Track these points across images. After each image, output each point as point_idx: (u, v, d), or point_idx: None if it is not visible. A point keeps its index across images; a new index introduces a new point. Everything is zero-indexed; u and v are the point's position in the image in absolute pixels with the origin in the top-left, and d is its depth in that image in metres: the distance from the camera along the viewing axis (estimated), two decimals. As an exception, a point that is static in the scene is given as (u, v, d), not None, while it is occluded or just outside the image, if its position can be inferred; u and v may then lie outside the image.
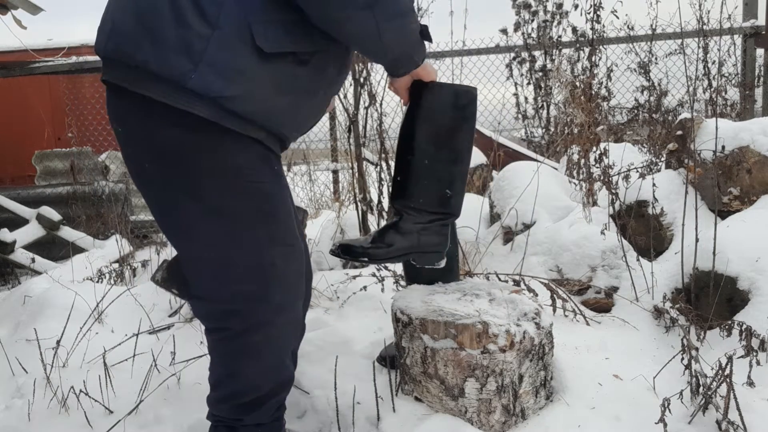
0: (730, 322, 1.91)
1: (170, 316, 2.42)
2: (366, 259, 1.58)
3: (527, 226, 2.71)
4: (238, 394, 1.41)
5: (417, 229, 1.59)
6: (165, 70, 1.18)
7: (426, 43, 1.43)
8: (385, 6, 1.23)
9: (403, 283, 2.26)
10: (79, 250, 4.09)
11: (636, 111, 4.63)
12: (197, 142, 1.23)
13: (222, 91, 1.19)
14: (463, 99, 1.57)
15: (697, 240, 2.13)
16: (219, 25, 1.17)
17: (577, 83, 3.13)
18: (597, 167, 2.68)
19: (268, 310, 1.35)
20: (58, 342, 2.05)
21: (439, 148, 1.57)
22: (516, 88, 5.15)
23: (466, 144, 1.60)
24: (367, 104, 2.88)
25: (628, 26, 4.81)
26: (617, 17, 2.99)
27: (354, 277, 2.41)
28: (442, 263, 1.67)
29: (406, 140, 1.59)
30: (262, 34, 1.19)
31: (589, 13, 3.11)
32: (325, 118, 5.54)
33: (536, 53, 5.09)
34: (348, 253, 1.58)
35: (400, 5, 1.27)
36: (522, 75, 5.16)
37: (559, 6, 5.03)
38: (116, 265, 3.36)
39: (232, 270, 1.31)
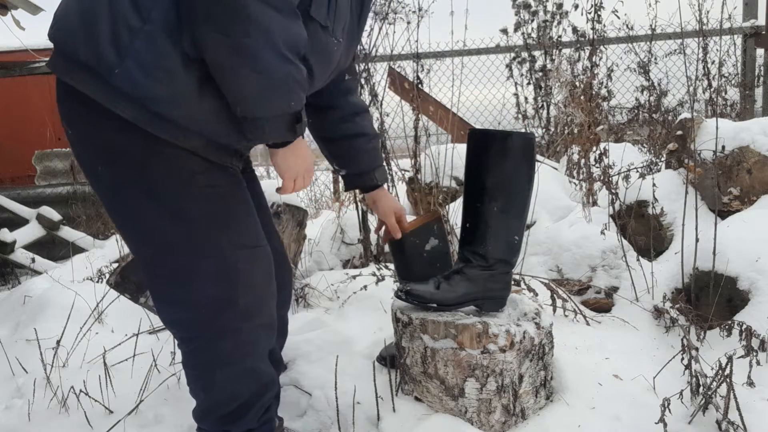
0: (730, 322, 1.91)
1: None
2: (435, 305, 1.60)
3: (527, 226, 2.71)
4: (219, 406, 1.39)
5: (484, 276, 1.60)
6: (92, 61, 1.13)
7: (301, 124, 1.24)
8: (251, 55, 1.09)
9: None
10: (79, 250, 4.09)
11: (636, 111, 4.62)
12: (146, 146, 1.19)
13: (147, 92, 1.13)
14: (531, 147, 1.58)
15: (697, 240, 2.13)
16: (150, 20, 1.12)
17: (577, 83, 3.13)
18: (597, 167, 2.68)
19: (234, 315, 1.31)
20: (58, 342, 2.05)
21: (508, 198, 1.58)
22: (516, 88, 5.14)
23: (530, 193, 1.61)
24: (367, 104, 2.88)
25: (627, 26, 4.81)
26: (618, 17, 2.99)
27: (354, 277, 2.41)
28: (504, 309, 1.68)
29: (475, 188, 1.59)
30: (190, 37, 1.12)
31: (589, 13, 3.11)
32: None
33: (536, 53, 5.08)
34: (416, 298, 1.60)
35: (271, 65, 1.11)
36: (522, 75, 5.15)
37: (559, 6, 5.01)
38: (116, 265, 3.36)
39: (194, 275, 1.28)
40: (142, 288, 1.41)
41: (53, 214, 4.50)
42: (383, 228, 1.77)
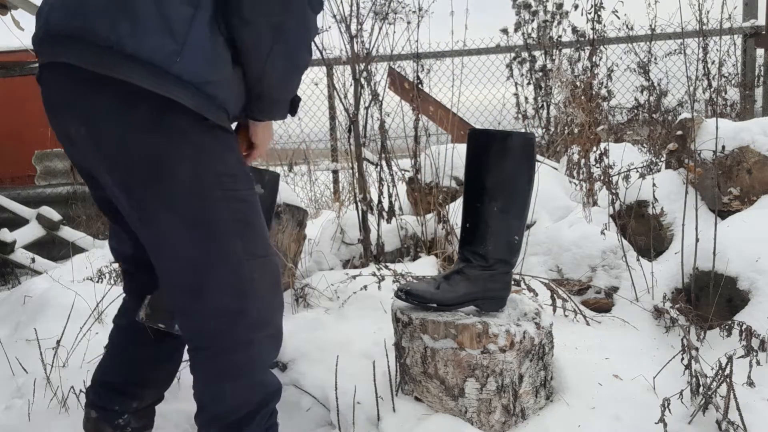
0: (730, 322, 1.91)
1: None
2: (435, 305, 1.60)
3: (527, 226, 2.71)
4: (225, 415, 1.36)
5: (485, 276, 1.61)
6: (145, 52, 1.09)
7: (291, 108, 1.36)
8: (288, 43, 1.19)
9: (403, 282, 2.26)
10: (79, 250, 4.09)
11: (636, 111, 4.62)
12: (177, 147, 1.16)
13: (206, 77, 1.14)
14: (531, 147, 1.58)
15: (697, 240, 2.13)
16: (201, 5, 1.12)
17: (578, 83, 3.13)
18: (597, 167, 2.68)
19: (247, 326, 1.29)
20: (58, 342, 2.05)
21: (508, 198, 1.58)
22: (516, 88, 5.14)
23: (530, 193, 1.62)
24: (367, 104, 2.88)
25: (627, 26, 4.82)
26: (618, 17, 2.99)
27: (354, 277, 2.40)
28: (503, 310, 1.68)
29: (475, 188, 1.60)
30: (225, 20, 1.15)
31: (589, 13, 3.11)
32: (325, 118, 5.55)
33: (536, 53, 5.09)
34: (416, 298, 1.60)
35: (301, 56, 1.24)
36: (522, 75, 5.15)
37: (559, 6, 5.01)
38: (116, 265, 3.35)
39: (209, 285, 1.25)
40: (172, 314, 1.39)
41: (53, 214, 4.50)
42: None
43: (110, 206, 1.36)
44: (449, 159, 3.08)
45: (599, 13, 3.15)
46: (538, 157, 3.71)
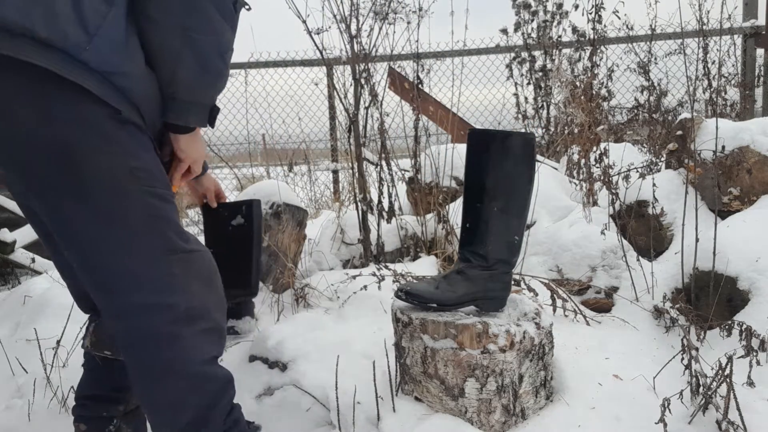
0: (730, 322, 1.91)
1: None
2: (435, 305, 1.60)
3: (527, 226, 2.71)
4: (176, 419, 1.31)
5: (485, 276, 1.61)
6: (56, 39, 1.10)
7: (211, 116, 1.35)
8: (196, 48, 1.21)
9: (403, 282, 2.26)
10: (79, 250, 4.07)
11: (636, 111, 4.62)
12: (89, 138, 1.15)
13: (117, 67, 1.15)
14: (531, 147, 1.58)
15: (697, 240, 2.13)
16: (115, 2, 1.15)
17: (578, 83, 3.14)
18: (597, 167, 2.68)
19: (171, 321, 1.25)
20: (58, 342, 2.05)
21: (508, 198, 1.58)
22: (516, 88, 5.15)
23: (530, 193, 1.62)
24: (367, 104, 2.88)
25: (627, 26, 4.82)
26: (618, 17, 2.99)
27: (354, 277, 2.40)
28: (503, 310, 1.68)
29: (475, 188, 1.60)
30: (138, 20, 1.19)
31: (590, 13, 3.11)
32: (325, 118, 5.55)
33: (536, 53, 5.09)
34: (416, 298, 1.60)
35: (212, 61, 1.25)
36: (522, 75, 5.16)
37: (559, 6, 5.02)
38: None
39: (128, 282, 1.22)
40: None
41: (53, 214, 4.49)
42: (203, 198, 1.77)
43: (36, 216, 1.34)
44: (449, 159, 3.08)
45: (599, 13, 3.16)
46: (538, 157, 3.71)
